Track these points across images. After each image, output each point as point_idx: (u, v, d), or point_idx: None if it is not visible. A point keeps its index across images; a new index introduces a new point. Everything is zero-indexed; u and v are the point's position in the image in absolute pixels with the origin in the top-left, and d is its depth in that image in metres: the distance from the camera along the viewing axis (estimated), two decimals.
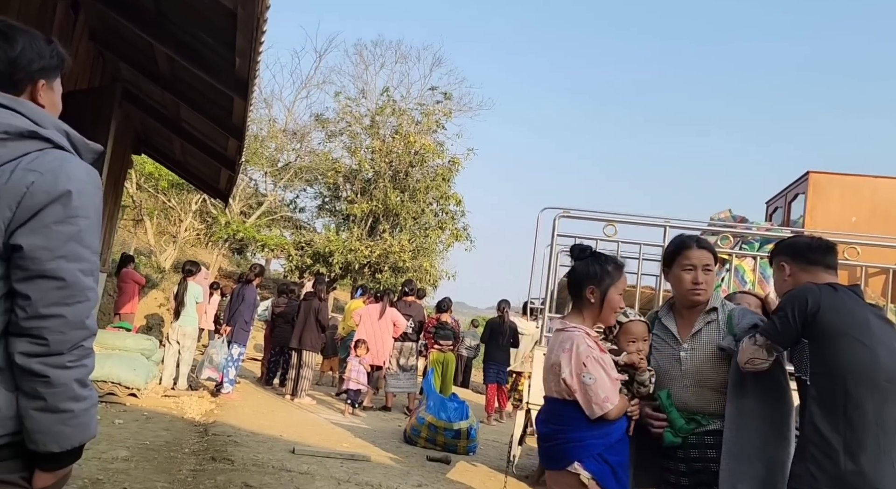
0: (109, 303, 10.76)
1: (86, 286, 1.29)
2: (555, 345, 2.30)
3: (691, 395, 2.31)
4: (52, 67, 1.42)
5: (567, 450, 2.21)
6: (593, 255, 2.37)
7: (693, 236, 2.49)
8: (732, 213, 6.10)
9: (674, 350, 2.36)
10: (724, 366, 2.28)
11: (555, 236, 5.28)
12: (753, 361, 2.15)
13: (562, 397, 2.23)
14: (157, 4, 4.51)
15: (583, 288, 2.30)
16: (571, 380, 2.18)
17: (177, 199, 17.88)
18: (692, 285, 2.34)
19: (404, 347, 8.81)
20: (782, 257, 2.37)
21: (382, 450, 6.22)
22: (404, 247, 18.01)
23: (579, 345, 2.21)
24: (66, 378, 1.26)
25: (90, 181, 1.32)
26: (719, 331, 2.32)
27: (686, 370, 2.32)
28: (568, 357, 2.20)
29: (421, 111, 20.54)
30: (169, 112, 7.07)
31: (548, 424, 2.31)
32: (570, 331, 2.27)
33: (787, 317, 2.13)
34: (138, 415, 6.03)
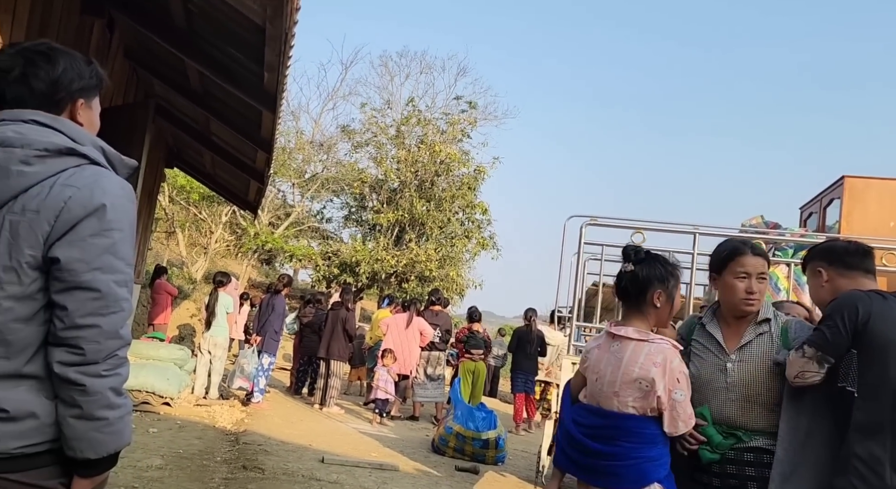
0: (143, 314, 10.98)
1: (120, 297, 1.33)
2: (638, 358, 2.10)
3: (736, 410, 2.17)
4: (91, 87, 1.47)
5: (646, 471, 2.06)
6: (651, 256, 2.21)
7: (747, 241, 2.35)
8: (765, 218, 5.99)
9: (719, 360, 2.22)
10: (777, 381, 2.15)
11: (582, 244, 5.25)
12: (803, 375, 2.03)
13: (643, 413, 2.08)
14: (189, 22, 4.62)
15: (648, 291, 2.15)
16: (665, 396, 2.06)
17: (207, 211, 18.22)
18: (746, 295, 2.19)
19: (431, 356, 8.82)
20: (818, 262, 2.27)
21: (411, 459, 6.22)
22: (430, 256, 18.04)
23: (673, 360, 2.09)
24: (101, 386, 1.29)
25: (124, 195, 1.37)
26: (772, 345, 2.19)
27: (732, 382, 2.18)
28: (661, 372, 2.05)
29: (446, 120, 20.64)
30: (200, 126, 7.22)
31: (616, 442, 2.10)
32: (657, 343, 2.11)
33: (836, 326, 2.02)
34: (172, 424, 6.13)
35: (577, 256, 5.38)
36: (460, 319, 17.95)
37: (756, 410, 2.16)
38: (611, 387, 2.13)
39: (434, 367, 8.82)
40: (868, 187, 5.96)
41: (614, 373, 2.13)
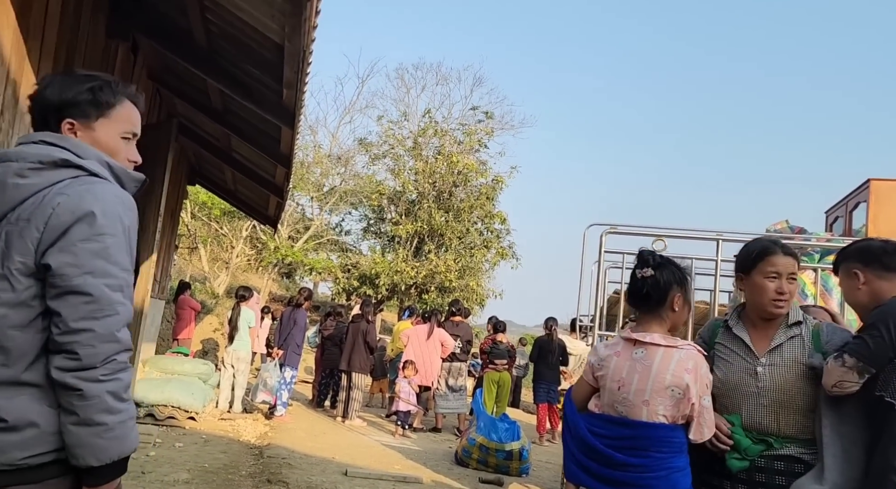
0: (168, 329, 11.13)
1: (114, 300, 1.33)
2: (669, 364, 2.04)
3: (768, 415, 2.10)
4: (85, 106, 1.47)
5: (676, 481, 2.02)
6: (666, 260, 2.19)
7: (777, 240, 2.27)
8: (790, 223, 5.91)
9: (748, 364, 2.14)
10: (811, 386, 2.07)
11: (602, 252, 5.22)
12: (842, 384, 1.96)
13: (673, 421, 2.04)
14: (210, 43, 4.71)
15: (668, 295, 2.12)
16: (697, 402, 2.03)
17: (228, 226, 18.45)
18: (777, 295, 2.12)
19: (453, 367, 8.80)
20: (853, 264, 2.17)
21: (434, 471, 6.20)
22: (450, 267, 18.05)
23: (702, 365, 2.06)
24: (98, 390, 1.29)
25: (118, 202, 1.38)
26: (804, 348, 2.12)
27: (764, 387, 2.10)
28: (694, 378, 2.02)
29: (463, 131, 20.72)
30: (220, 143, 7.34)
31: (646, 453, 2.04)
32: (687, 349, 2.08)
33: (881, 335, 1.93)
34: (197, 438, 6.18)
35: (598, 264, 5.35)
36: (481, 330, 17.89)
37: (789, 416, 2.08)
38: (639, 395, 2.06)
39: (456, 378, 8.80)
40: (894, 190, 5.85)
41: (643, 380, 2.06)
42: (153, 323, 8.39)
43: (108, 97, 1.49)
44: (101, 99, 1.47)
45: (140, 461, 4.98)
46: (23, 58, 3.42)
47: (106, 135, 1.48)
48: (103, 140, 1.48)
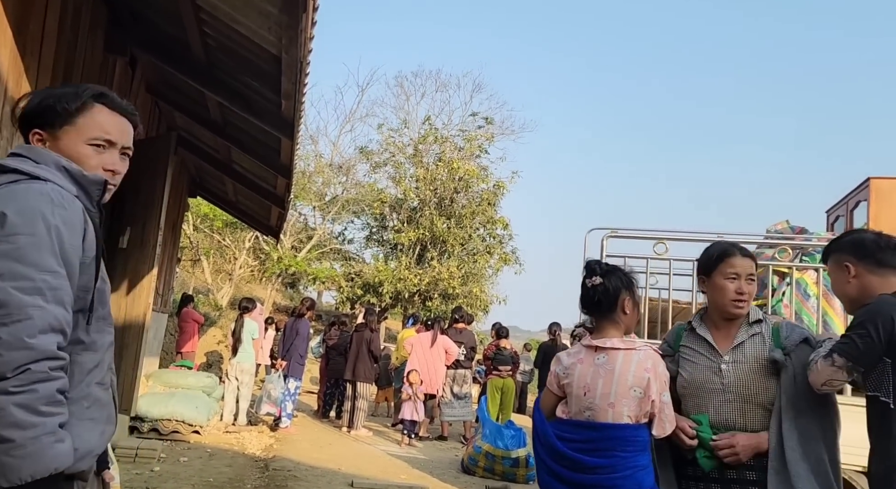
0: (171, 343, 11.12)
1: (26, 304, 1.23)
2: (630, 366, 2.13)
3: (734, 411, 2.16)
4: (48, 114, 1.43)
5: (640, 479, 2.09)
6: (613, 268, 2.30)
7: (735, 243, 2.34)
8: (790, 223, 5.88)
9: (712, 362, 2.21)
10: (773, 381, 2.13)
11: (603, 256, 5.20)
12: (831, 383, 2.00)
13: (637, 421, 2.12)
14: (208, 55, 4.73)
15: (617, 300, 2.22)
16: (658, 399, 2.12)
17: (231, 237, 18.48)
18: (736, 295, 2.20)
19: (457, 375, 8.77)
20: (846, 256, 2.15)
21: (441, 480, 6.17)
22: (453, 273, 18.03)
23: (659, 364, 2.16)
24: (3, 403, 1.19)
25: (43, 200, 1.30)
26: (765, 345, 2.18)
27: (728, 384, 2.17)
28: (654, 376, 2.12)
29: (463, 137, 20.73)
30: (221, 155, 7.35)
31: (611, 453, 2.11)
32: (644, 349, 2.18)
33: (870, 335, 1.94)
34: (202, 452, 6.16)
35: None
36: (485, 336, 17.84)
37: (755, 411, 2.15)
38: (605, 399, 2.14)
39: (461, 386, 8.77)
40: (894, 188, 5.83)
41: (607, 384, 2.15)
42: (156, 336, 8.38)
43: (71, 104, 1.44)
44: (62, 107, 1.43)
45: (144, 476, 4.96)
46: (20, 75, 3.43)
47: (70, 142, 1.44)
48: (66, 148, 1.43)
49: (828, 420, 2.12)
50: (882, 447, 1.96)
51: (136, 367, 4.83)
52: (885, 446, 1.95)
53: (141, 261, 5.02)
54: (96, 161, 1.45)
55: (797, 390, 2.10)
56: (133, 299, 5.01)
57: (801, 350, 2.14)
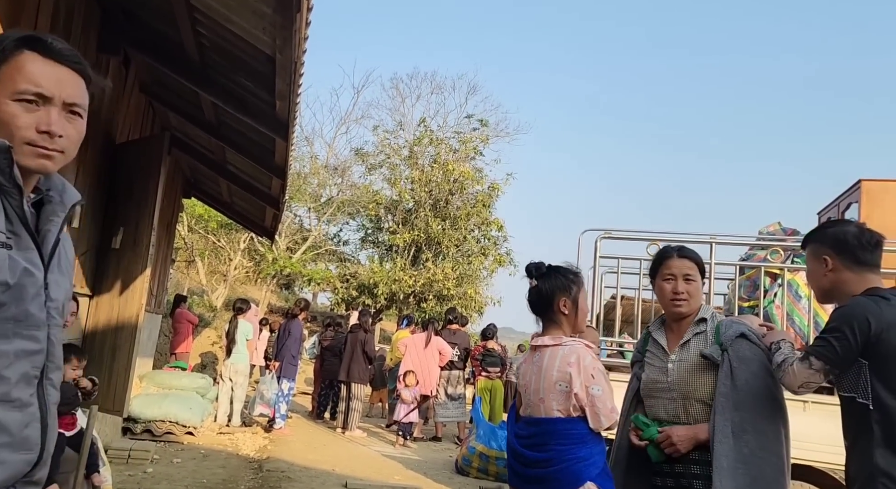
0: (165, 344, 11.08)
1: None
2: (555, 362, 2.21)
3: (678, 408, 2.25)
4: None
5: (578, 471, 2.11)
6: (553, 269, 2.36)
7: (677, 246, 2.45)
8: (782, 225, 5.91)
9: (662, 362, 2.32)
10: (710, 376, 2.20)
11: (597, 258, 5.22)
12: (808, 385, 2.02)
13: (567, 415, 2.17)
14: (202, 56, 4.72)
15: (554, 301, 2.29)
16: (582, 393, 2.14)
17: (226, 238, 18.43)
18: (672, 295, 2.30)
19: (451, 376, 8.76)
20: (825, 249, 2.13)
21: (434, 481, 6.16)
22: (448, 275, 18.02)
23: (585, 357, 2.19)
24: None
25: None
26: (706, 342, 2.26)
27: (672, 382, 2.27)
28: (577, 370, 2.16)
29: (458, 139, 20.73)
30: (215, 156, 7.33)
31: (547, 447, 2.18)
32: (569, 344, 2.23)
33: (846, 339, 1.94)
34: (195, 453, 6.14)
35: (594, 270, 5.34)
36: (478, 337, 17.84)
37: (696, 406, 2.22)
38: (536, 394, 2.23)
39: (455, 387, 8.76)
40: (886, 190, 5.86)
41: (537, 380, 2.24)
42: (150, 337, 8.35)
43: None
44: None
45: (137, 478, 4.95)
46: None
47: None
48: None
49: (769, 413, 2.15)
50: (862, 449, 1.95)
51: (129, 368, 4.81)
52: (866, 448, 1.93)
53: (134, 262, 5.00)
54: (25, 120, 1.17)
55: (734, 384, 2.14)
56: (126, 300, 4.99)
57: (738, 345, 2.19)
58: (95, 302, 5.17)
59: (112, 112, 5.31)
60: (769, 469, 2.09)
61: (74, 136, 1.25)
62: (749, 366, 2.16)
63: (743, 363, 2.16)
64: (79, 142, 1.27)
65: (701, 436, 2.17)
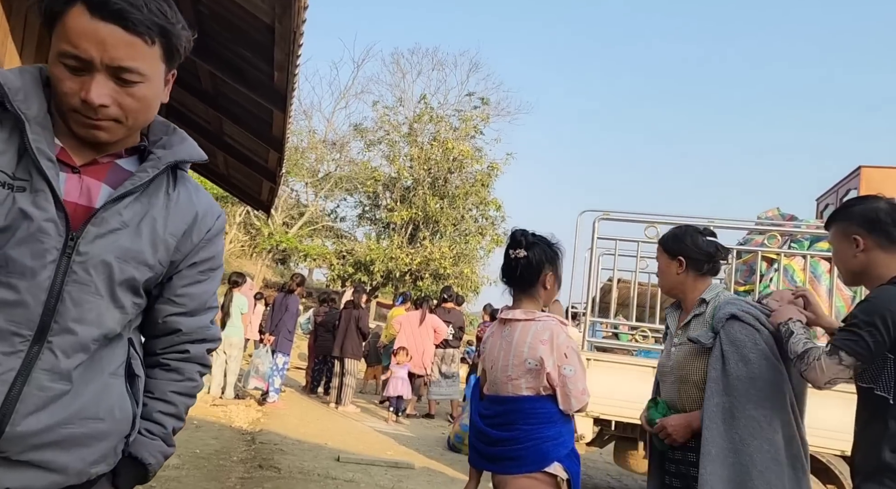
0: None
1: None
2: (526, 337, 2.09)
3: (676, 392, 2.22)
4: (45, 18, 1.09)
5: (545, 451, 2.04)
6: (539, 238, 2.20)
7: None
8: (781, 211, 5.90)
9: (670, 345, 2.31)
10: (704, 360, 2.13)
11: (595, 239, 5.21)
12: (836, 381, 1.86)
13: (536, 393, 2.07)
14: (200, 23, 4.64)
15: (540, 275, 2.15)
16: (554, 372, 2.05)
17: None
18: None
19: (446, 354, 8.81)
20: (855, 227, 1.96)
21: (427, 457, 6.22)
22: (445, 253, 18.04)
23: (559, 335, 2.09)
24: None
25: None
26: (703, 324, 2.18)
27: (672, 366, 2.23)
28: (549, 349, 2.05)
29: (459, 117, 20.62)
30: (212, 127, 7.25)
31: (514, 426, 2.08)
32: (543, 320, 2.11)
33: (879, 333, 1.79)
34: (188, 423, 6.16)
35: (591, 251, 5.34)
36: (475, 317, 17.91)
37: (690, 391, 2.17)
38: (504, 371, 2.12)
39: (449, 365, 8.81)
40: (885, 177, 5.83)
41: (506, 357, 2.13)
42: None
43: (51, 4, 1.06)
44: (45, 6, 1.08)
45: None
46: (6, 36, 3.35)
47: (49, 58, 1.08)
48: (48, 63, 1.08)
49: (761, 398, 2.04)
50: (872, 442, 1.86)
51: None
52: (876, 442, 1.85)
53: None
54: (70, 86, 1.05)
55: (724, 368, 2.07)
56: None
57: (730, 327, 2.09)
58: None
59: None
60: (760, 456, 2.00)
61: (132, 104, 1.09)
62: (740, 350, 2.06)
63: (734, 346, 2.06)
64: (146, 109, 1.14)
65: (695, 423, 2.11)
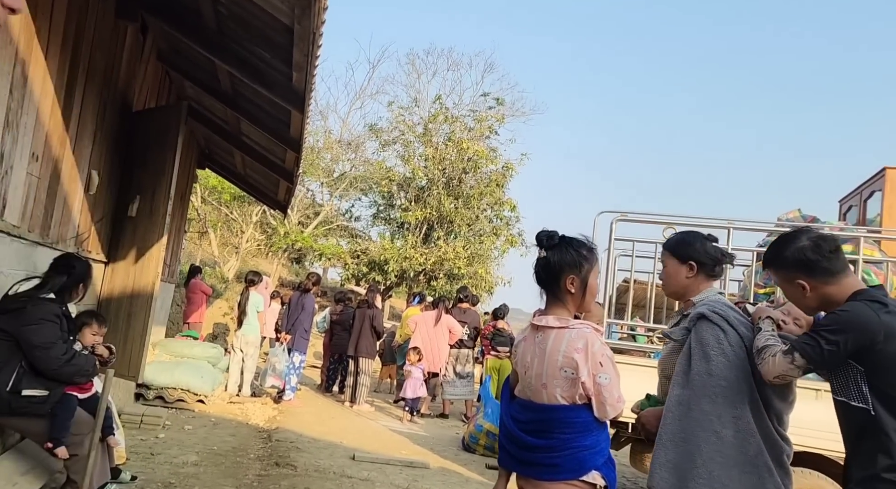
0: (178, 313, 11.20)
1: None
2: (560, 345, 2.07)
3: (660, 386, 2.41)
4: None
5: (583, 459, 2.05)
6: (565, 241, 2.17)
7: None
8: (802, 212, 5.82)
9: None
10: (678, 357, 2.25)
11: (612, 240, 5.18)
12: (784, 377, 2.01)
13: (572, 402, 2.06)
14: (219, 24, 4.67)
15: (560, 278, 2.13)
16: (589, 381, 2.04)
17: (238, 211, 18.48)
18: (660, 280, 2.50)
19: (461, 354, 8.80)
20: (796, 274, 2.07)
21: (441, 457, 6.22)
22: (459, 253, 18.01)
23: (594, 343, 2.07)
24: None
25: None
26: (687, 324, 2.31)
27: (659, 362, 2.45)
28: (584, 357, 2.03)
29: (473, 117, 20.57)
30: (230, 127, 7.31)
31: (550, 434, 2.08)
32: (577, 328, 2.09)
33: (837, 345, 1.91)
34: (206, 421, 6.23)
35: (608, 253, 5.31)
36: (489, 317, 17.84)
37: (666, 385, 2.29)
38: (539, 379, 2.11)
39: (463, 365, 8.81)
40: None
41: (540, 364, 2.11)
42: (163, 306, 8.43)
43: None
44: None
45: (149, 443, 5.03)
46: (31, 37, 3.40)
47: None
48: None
49: (715, 393, 2.10)
50: (863, 452, 1.93)
51: (144, 335, 4.86)
52: (868, 452, 1.91)
53: (150, 231, 5.01)
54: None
55: (687, 364, 2.17)
56: (141, 268, 5.03)
57: (699, 326, 2.19)
58: (111, 269, 5.21)
59: (129, 79, 5.29)
60: (706, 447, 2.08)
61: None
62: (703, 347, 2.15)
63: (699, 344, 2.15)
64: None
65: None
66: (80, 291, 3.43)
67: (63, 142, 4.08)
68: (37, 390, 3.11)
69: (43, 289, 3.22)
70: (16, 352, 3.07)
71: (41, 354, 3.09)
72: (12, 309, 3.10)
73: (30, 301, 3.14)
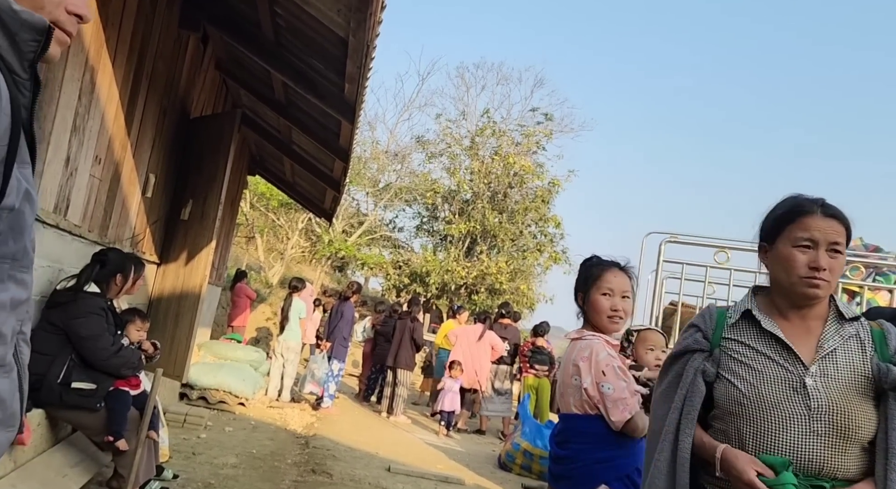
0: (223, 315, 11.44)
1: None
2: (571, 355, 2.17)
3: (824, 448, 1.47)
4: None
5: (593, 472, 2.04)
6: (583, 262, 2.35)
7: (817, 198, 1.60)
8: (864, 241, 5.58)
9: (789, 373, 1.52)
10: (871, 406, 1.49)
11: (661, 262, 5.06)
12: None
13: (584, 412, 2.08)
14: (277, 36, 4.79)
15: (576, 296, 2.29)
16: (593, 389, 2.06)
17: (285, 217, 18.86)
18: (809, 271, 1.51)
19: (499, 370, 8.71)
20: None
21: (476, 474, 6.14)
22: (501, 268, 17.92)
23: (599, 353, 2.11)
24: None
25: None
26: (865, 354, 1.53)
27: (818, 408, 1.48)
28: (587, 366, 2.09)
29: (521, 132, 20.53)
30: (282, 135, 7.47)
31: (569, 445, 2.13)
32: (587, 339, 2.17)
33: None
34: (246, 423, 6.31)
35: (656, 274, 5.18)
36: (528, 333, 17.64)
37: (850, 450, 1.48)
38: (560, 389, 2.21)
39: (502, 381, 8.70)
40: None
41: (562, 375, 2.22)
42: (209, 308, 8.63)
43: None
44: None
45: (191, 442, 5.12)
46: (101, 46, 3.54)
47: None
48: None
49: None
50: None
51: (191, 336, 4.97)
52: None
53: (200, 234, 5.14)
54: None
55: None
56: (191, 270, 5.15)
57: None
58: (162, 270, 5.36)
59: (188, 87, 5.47)
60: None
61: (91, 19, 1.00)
62: None
63: None
64: None
65: None
66: (118, 282, 3.47)
67: (124, 146, 4.23)
68: (85, 383, 3.20)
69: (81, 280, 3.32)
70: (66, 345, 3.18)
71: (90, 345, 3.19)
72: (61, 303, 3.22)
73: (76, 295, 3.25)
